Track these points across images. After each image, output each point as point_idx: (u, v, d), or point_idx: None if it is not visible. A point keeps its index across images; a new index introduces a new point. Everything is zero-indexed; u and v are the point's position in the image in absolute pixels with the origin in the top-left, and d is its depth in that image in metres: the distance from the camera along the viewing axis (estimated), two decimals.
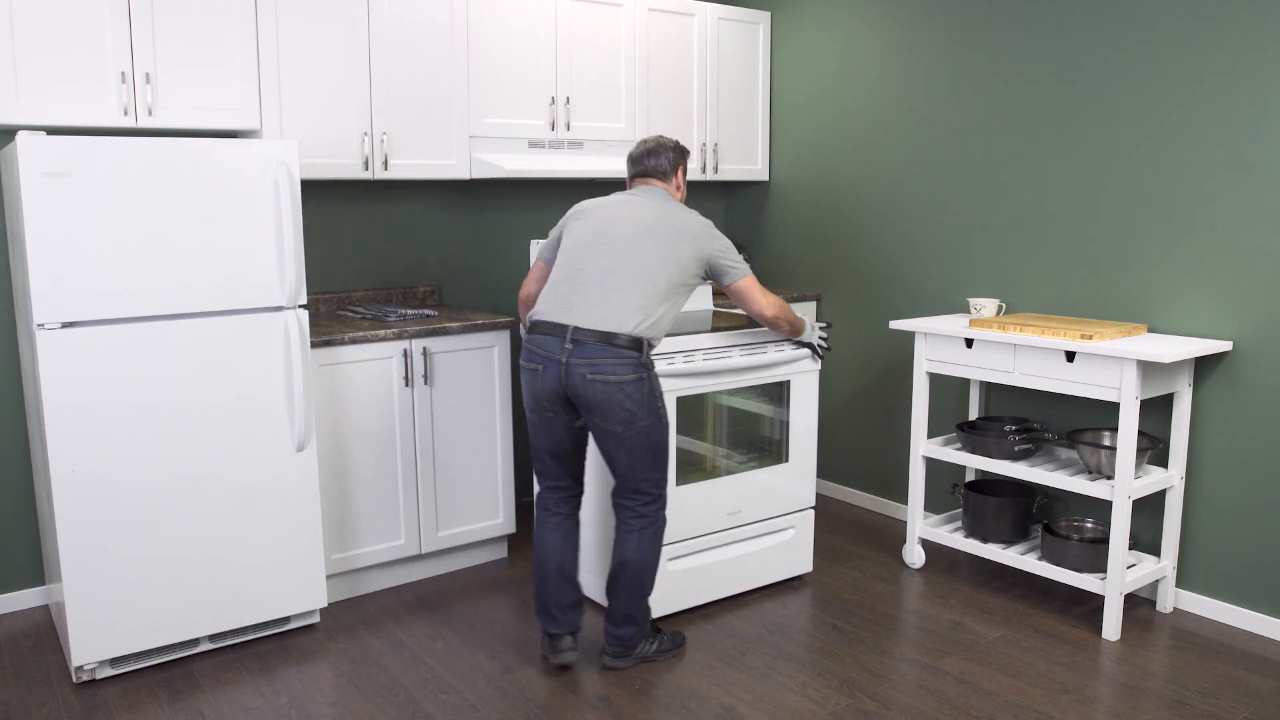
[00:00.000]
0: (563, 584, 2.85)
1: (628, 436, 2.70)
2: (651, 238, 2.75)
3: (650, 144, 2.96)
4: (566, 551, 2.87)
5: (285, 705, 2.73)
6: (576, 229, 2.83)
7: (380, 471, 3.40)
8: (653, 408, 2.71)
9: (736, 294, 2.91)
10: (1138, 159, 3.31)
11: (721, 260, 2.84)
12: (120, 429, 2.78)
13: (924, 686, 2.81)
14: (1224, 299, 3.14)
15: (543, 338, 2.70)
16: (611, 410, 2.66)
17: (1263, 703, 2.72)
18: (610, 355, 2.64)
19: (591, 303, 2.68)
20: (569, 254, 2.79)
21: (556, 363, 2.66)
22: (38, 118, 2.90)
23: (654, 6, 4.16)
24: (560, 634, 2.86)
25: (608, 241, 2.75)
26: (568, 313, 2.69)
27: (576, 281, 2.73)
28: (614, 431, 2.69)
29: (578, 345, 2.65)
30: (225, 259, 2.89)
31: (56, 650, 3.07)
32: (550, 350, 2.68)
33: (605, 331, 2.64)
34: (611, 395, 2.64)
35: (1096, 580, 3.13)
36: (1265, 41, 2.97)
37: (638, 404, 2.68)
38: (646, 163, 2.94)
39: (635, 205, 2.83)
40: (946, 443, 3.69)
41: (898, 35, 4.04)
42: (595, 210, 2.84)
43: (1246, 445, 3.12)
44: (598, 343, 2.64)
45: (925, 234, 4.01)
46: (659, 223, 2.78)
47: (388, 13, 3.47)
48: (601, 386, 2.63)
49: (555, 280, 2.78)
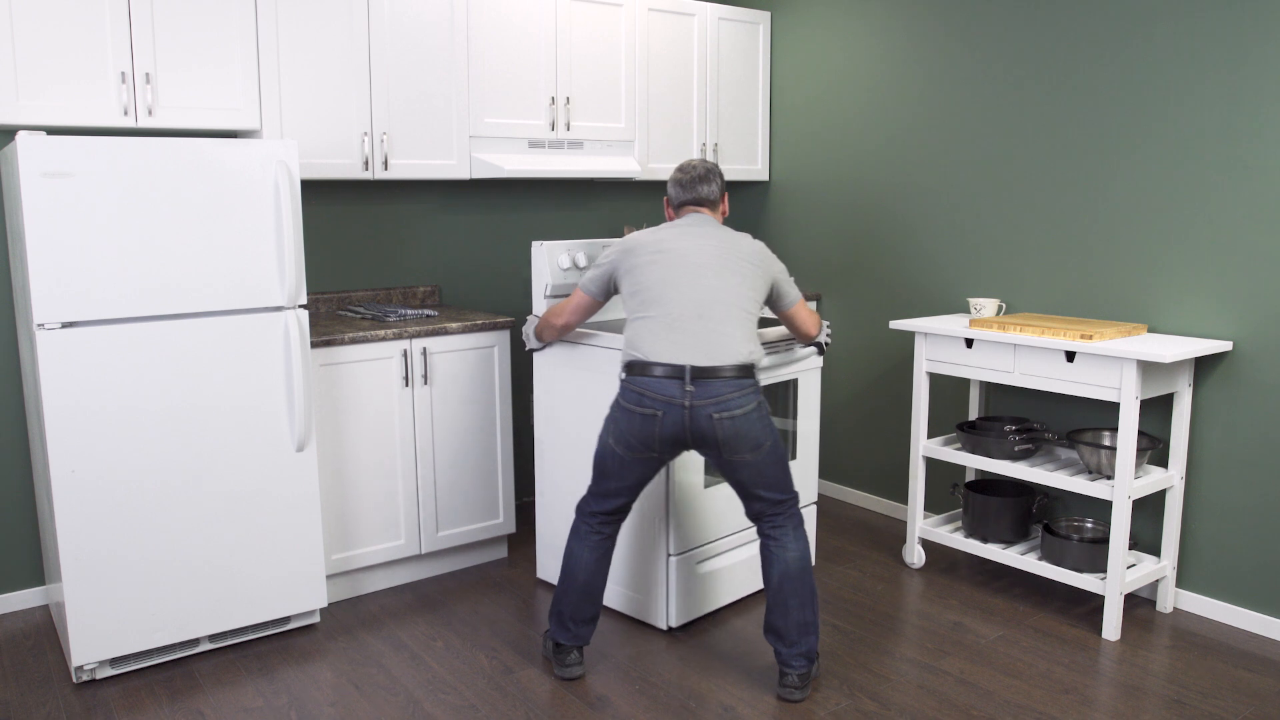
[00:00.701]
0: (585, 600, 2.82)
1: (756, 460, 2.67)
2: (730, 267, 2.72)
3: (699, 170, 2.88)
4: (598, 571, 2.82)
5: (285, 705, 2.73)
6: (650, 268, 2.73)
7: (380, 471, 3.40)
8: (771, 428, 2.69)
9: (791, 316, 2.92)
10: (1137, 159, 3.31)
11: (783, 282, 2.86)
12: (120, 429, 2.78)
13: (924, 686, 2.81)
14: (1224, 299, 3.14)
15: (655, 380, 2.63)
16: (740, 443, 2.63)
17: (1263, 703, 2.72)
18: (732, 389, 2.62)
19: (700, 339, 2.64)
20: (653, 292, 2.70)
21: (679, 407, 2.61)
22: (38, 118, 2.90)
23: (654, 6, 4.16)
24: (570, 647, 2.86)
25: (694, 275, 2.69)
26: (679, 353, 2.63)
27: (675, 319, 2.66)
28: (745, 460, 2.66)
29: (699, 385, 2.60)
30: (225, 259, 2.89)
31: (56, 650, 3.07)
32: (669, 394, 2.61)
33: (721, 365, 2.62)
34: (739, 428, 2.62)
35: (1096, 580, 3.13)
36: (1265, 41, 2.97)
37: (761, 430, 2.65)
38: (700, 190, 2.87)
39: (702, 236, 2.76)
40: (947, 443, 3.69)
41: (898, 35, 4.04)
42: (662, 245, 2.75)
43: (1246, 445, 3.12)
44: (717, 379, 2.61)
45: (925, 234, 4.01)
46: (730, 251, 2.75)
47: (388, 13, 3.47)
48: (730, 423, 2.61)
49: (650, 320, 2.69)
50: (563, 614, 2.84)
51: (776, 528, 2.75)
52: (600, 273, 2.87)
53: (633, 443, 2.68)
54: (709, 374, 2.61)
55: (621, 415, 2.69)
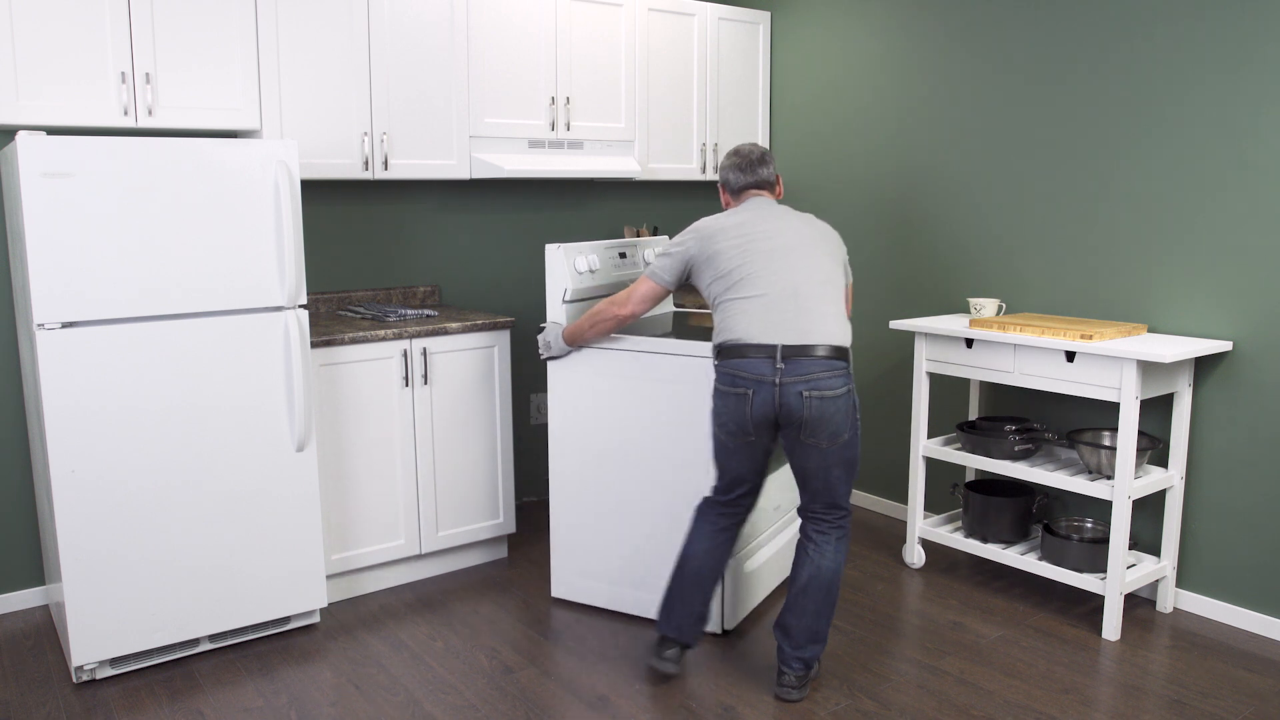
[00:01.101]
0: (694, 589, 2.78)
1: (830, 451, 2.62)
2: (818, 247, 2.72)
3: (755, 153, 2.87)
4: (707, 562, 2.78)
5: (285, 705, 2.73)
6: (736, 252, 2.69)
7: (380, 471, 3.40)
8: (854, 421, 2.65)
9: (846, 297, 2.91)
10: (1138, 159, 3.31)
11: (847, 263, 2.88)
12: (120, 429, 2.78)
13: (924, 686, 2.81)
14: (1224, 299, 3.14)
15: (747, 361, 2.60)
16: (821, 426, 2.59)
17: (1263, 703, 2.72)
18: (824, 369, 2.58)
19: (795, 319, 2.61)
20: (743, 275, 2.67)
21: (769, 385, 2.58)
22: (38, 118, 2.90)
23: (654, 6, 4.16)
24: (672, 640, 2.81)
25: (783, 256, 2.67)
26: (773, 333, 2.60)
27: (771, 301, 2.63)
28: (818, 447, 2.62)
29: (789, 363, 2.57)
30: (225, 259, 2.89)
31: (56, 650, 3.07)
32: (760, 372, 2.58)
33: (815, 345, 2.59)
34: (825, 410, 2.57)
35: (1096, 580, 3.13)
36: (1265, 41, 2.97)
37: (844, 418, 2.60)
38: (760, 173, 2.86)
39: (780, 218, 2.76)
40: (947, 443, 3.69)
41: (898, 36, 4.04)
42: (744, 229, 2.73)
43: (1246, 445, 3.12)
44: (809, 358, 2.58)
45: (925, 234, 4.01)
46: (812, 231, 2.75)
47: (388, 13, 3.47)
48: (818, 403, 2.57)
49: (744, 302, 2.65)
50: (670, 601, 2.81)
51: (822, 533, 2.72)
52: (674, 261, 2.82)
53: (730, 426, 2.66)
54: (801, 353, 2.58)
55: (718, 399, 2.67)
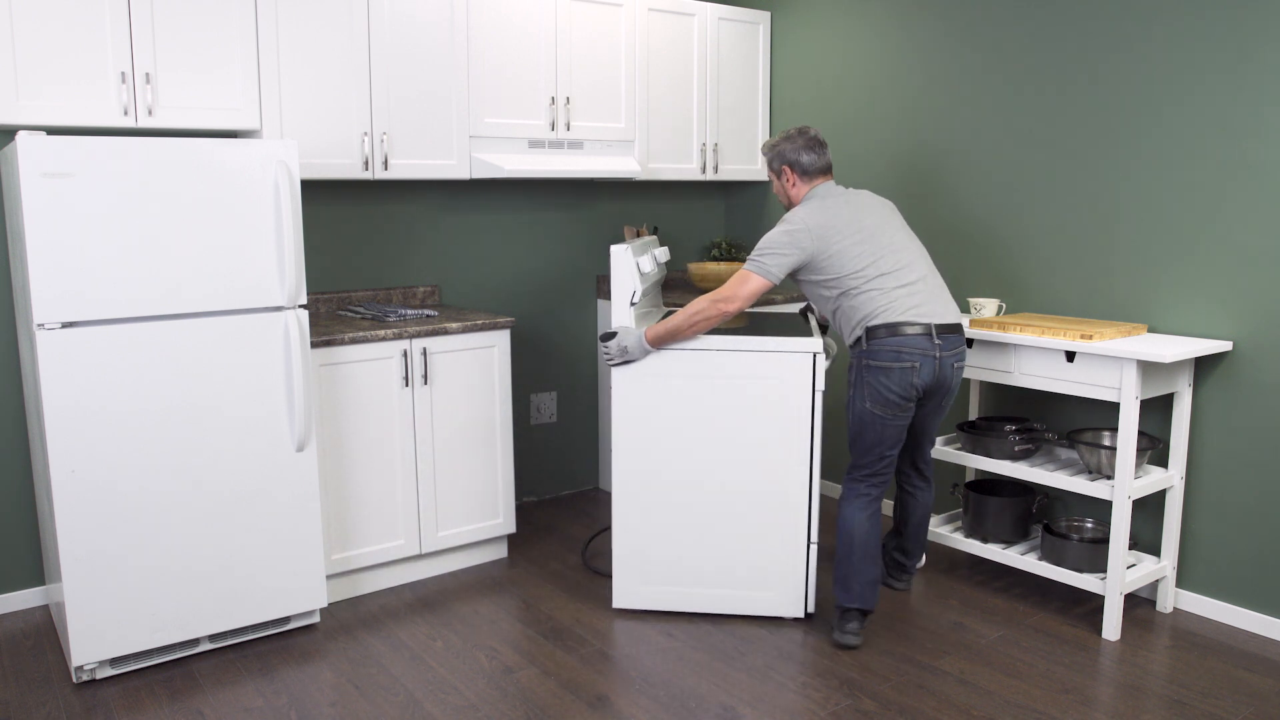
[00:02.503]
0: (865, 560, 3.01)
1: (945, 407, 3.09)
2: (906, 230, 3.06)
3: (818, 139, 3.08)
4: (872, 530, 3.03)
5: (285, 705, 2.73)
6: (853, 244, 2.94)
7: (380, 471, 3.40)
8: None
9: None
10: (1138, 159, 3.31)
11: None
12: (120, 429, 2.78)
13: (924, 686, 2.81)
14: (1224, 299, 3.14)
15: (908, 338, 2.88)
16: (952, 392, 3.02)
17: (1263, 703, 2.72)
18: (962, 342, 2.98)
19: (931, 298, 2.95)
20: (869, 262, 2.93)
21: (932, 358, 2.89)
22: (38, 118, 2.90)
23: (654, 6, 4.16)
24: (853, 612, 3.02)
25: (890, 242, 2.98)
26: (924, 311, 2.91)
27: (907, 283, 2.93)
28: (941, 407, 3.07)
29: (944, 339, 2.91)
30: (225, 259, 2.89)
31: (56, 650, 3.07)
32: (923, 347, 2.88)
33: (953, 323, 2.95)
34: (959, 377, 3.00)
35: (1096, 580, 3.13)
36: (1265, 41, 2.97)
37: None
38: (828, 156, 3.11)
39: (866, 205, 3.03)
40: (947, 443, 3.69)
41: (898, 35, 4.04)
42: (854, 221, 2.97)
43: (1246, 445, 3.12)
44: (955, 334, 2.94)
45: (925, 234, 4.01)
46: (894, 215, 3.08)
47: (388, 13, 3.47)
48: (960, 372, 2.99)
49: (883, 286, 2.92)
50: (847, 577, 3.02)
51: (924, 479, 3.31)
52: (789, 260, 2.96)
53: (891, 398, 2.92)
54: (949, 330, 2.93)
55: (877, 375, 2.92)
